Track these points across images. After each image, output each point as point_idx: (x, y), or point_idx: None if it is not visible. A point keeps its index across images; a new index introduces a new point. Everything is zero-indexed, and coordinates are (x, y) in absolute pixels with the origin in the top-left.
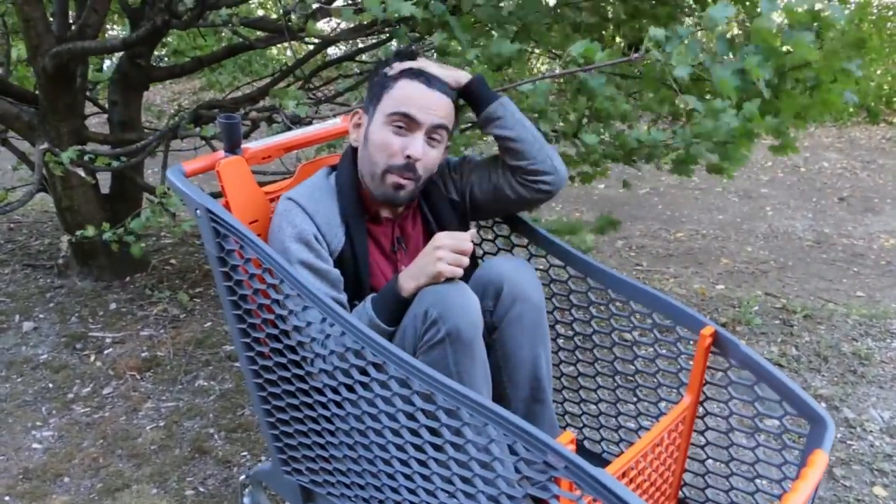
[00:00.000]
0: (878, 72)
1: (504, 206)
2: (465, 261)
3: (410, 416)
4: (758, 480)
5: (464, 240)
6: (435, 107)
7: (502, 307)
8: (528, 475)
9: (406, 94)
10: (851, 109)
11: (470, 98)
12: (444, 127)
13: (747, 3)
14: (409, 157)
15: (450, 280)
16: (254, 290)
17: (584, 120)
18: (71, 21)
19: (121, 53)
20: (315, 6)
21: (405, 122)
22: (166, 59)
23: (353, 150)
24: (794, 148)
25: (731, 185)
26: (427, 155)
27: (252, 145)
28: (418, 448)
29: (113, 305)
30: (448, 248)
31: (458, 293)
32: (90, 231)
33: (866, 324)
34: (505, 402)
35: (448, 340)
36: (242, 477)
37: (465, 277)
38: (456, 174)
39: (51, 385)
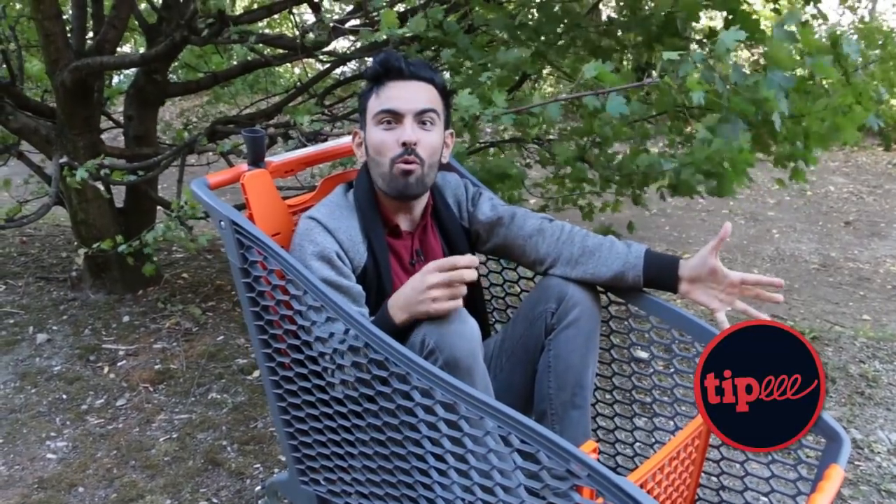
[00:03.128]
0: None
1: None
2: (461, 290)
3: (432, 426)
4: (772, 495)
5: (455, 267)
6: (412, 94)
7: (564, 310)
8: (549, 483)
9: (385, 94)
10: (859, 135)
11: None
12: (431, 110)
13: (757, 34)
14: (404, 143)
15: None
16: (276, 300)
17: (588, 145)
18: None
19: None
20: (331, 25)
21: (390, 117)
22: (175, 75)
23: (367, 167)
24: (803, 177)
25: (738, 207)
26: (423, 138)
27: (275, 159)
28: (438, 458)
29: (126, 318)
30: (439, 285)
31: (454, 320)
32: (107, 244)
33: (873, 346)
34: (543, 402)
35: (447, 369)
36: (258, 488)
37: (470, 303)
38: (472, 206)
39: (65, 396)
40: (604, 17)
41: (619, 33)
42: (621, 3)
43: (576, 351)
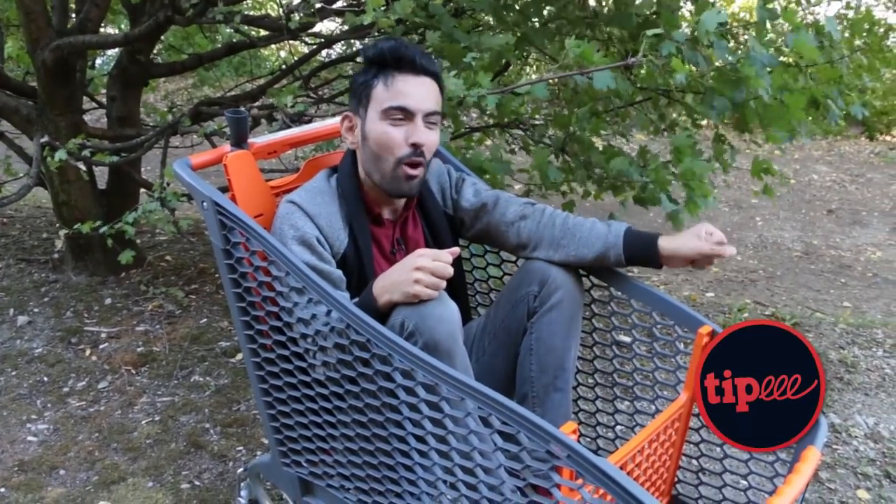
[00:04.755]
0: (868, 85)
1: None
2: (443, 284)
3: (413, 408)
4: (750, 477)
5: (445, 262)
6: (425, 94)
7: (546, 293)
8: (529, 464)
9: (397, 87)
10: (842, 123)
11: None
12: (437, 112)
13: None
14: (414, 144)
15: None
16: (258, 282)
17: (567, 139)
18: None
19: (118, 49)
20: (318, 6)
21: (401, 114)
22: (160, 56)
23: (353, 154)
24: (774, 170)
25: (722, 194)
26: (429, 138)
27: (258, 140)
28: (420, 439)
29: (108, 300)
30: (428, 270)
31: (435, 302)
32: (85, 227)
33: (853, 333)
34: (525, 385)
35: (426, 352)
36: (240, 470)
37: (451, 287)
38: (456, 193)
39: (46, 379)
40: (591, 4)
41: (605, 27)
42: None
43: (558, 334)
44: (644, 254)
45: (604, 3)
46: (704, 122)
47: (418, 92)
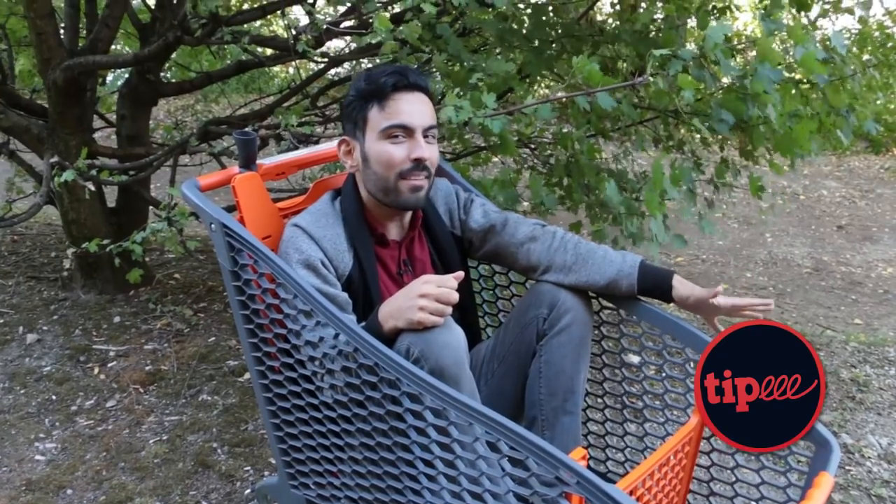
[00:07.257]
0: (879, 101)
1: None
2: (449, 310)
3: (421, 432)
4: (762, 502)
5: (450, 288)
6: (420, 108)
7: (556, 316)
8: (538, 489)
9: (393, 107)
10: (852, 139)
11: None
12: (435, 126)
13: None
14: (417, 159)
15: None
16: (266, 304)
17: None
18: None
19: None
20: (325, 27)
21: (401, 132)
22: (168, 73)
23: (353, 176)
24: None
25: (731, 211)
26: (431, 153)
27: (266, 161)
28: (427, 464)
29: (117, 319)
30: (433, 296)
31: (440, 329)
32: (92, 246)
33: (865, 351)
34: (534, 408)
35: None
36: (248, 491)
37: (461, 308)
38: (464, 214)
39: (54, 397)
40: (598, 20)
41: (610, 45)
42: (614, 11)
43: (567, 357)
44: (657, 289)
45: (609, 21)
46: (712, 138)
47: (415, 108)
